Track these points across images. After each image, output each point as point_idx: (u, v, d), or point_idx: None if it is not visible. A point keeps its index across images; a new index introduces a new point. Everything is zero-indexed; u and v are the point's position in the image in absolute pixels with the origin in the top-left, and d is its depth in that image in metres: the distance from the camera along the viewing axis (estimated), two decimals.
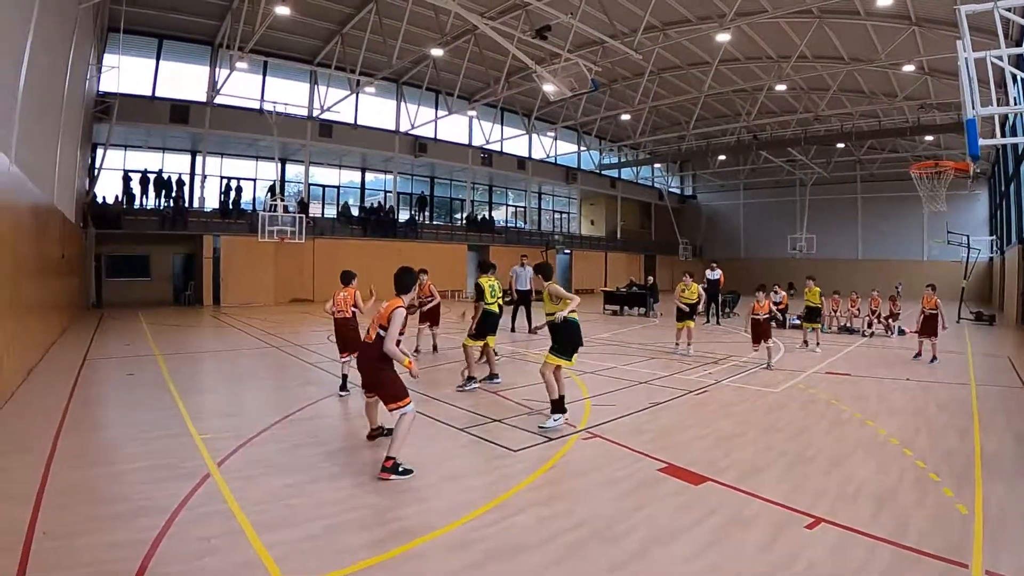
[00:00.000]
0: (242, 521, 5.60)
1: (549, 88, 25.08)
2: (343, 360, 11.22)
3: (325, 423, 9.52)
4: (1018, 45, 14.87)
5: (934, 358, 16.64)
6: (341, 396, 10.89)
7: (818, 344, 19.09)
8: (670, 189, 67.46)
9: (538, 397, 10.44)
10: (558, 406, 9.06)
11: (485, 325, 12.70)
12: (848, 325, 24.03)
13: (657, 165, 63.45)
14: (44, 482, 6.44)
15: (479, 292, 12.91)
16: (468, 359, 12.40)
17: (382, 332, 7.10)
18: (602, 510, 6.09)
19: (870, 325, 23.21)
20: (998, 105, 9.24)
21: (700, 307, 17.85)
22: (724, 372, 14.07)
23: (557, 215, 60.78)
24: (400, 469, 6.73)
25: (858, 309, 24.12)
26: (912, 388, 12.96)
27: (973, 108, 7.51)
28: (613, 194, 60.05)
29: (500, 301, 13.12)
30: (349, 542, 5.25)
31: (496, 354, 13.76)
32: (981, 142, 8.58)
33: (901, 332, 23.04)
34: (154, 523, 5.44)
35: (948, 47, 27.48)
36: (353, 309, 11.41)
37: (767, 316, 15.49)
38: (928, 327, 16.89)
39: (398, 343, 7.16)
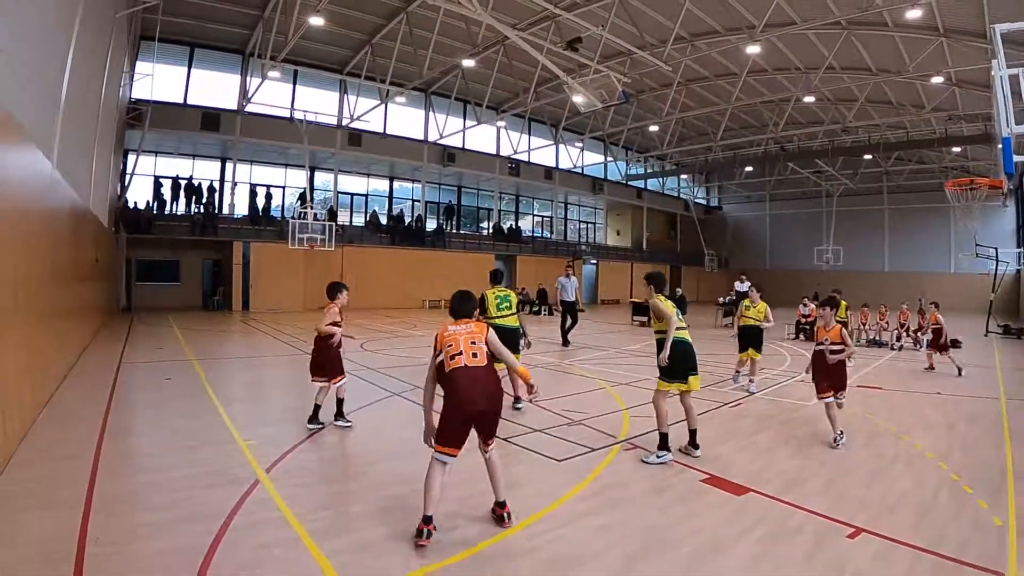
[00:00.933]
0: (297, 528, 5.66)
1: (579, 99, 25.22)
2: (333, 384, 9.44)
3: (366, 430, 9.57)
4: None
5: (959, 371, 16.80)
6: (310, 429, 9.07)
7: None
8: (696, 200, 67.47)
9: (579, 407, 10.57)
10: (664, 442, 8.21)
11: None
12: (877, 338, 23.98)
13: (683, 176, 63.59)
14: (91, 489, 6.47)
15: (481, 305, 11.14)
16: (512, 382, 10.62)
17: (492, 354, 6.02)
18: (652, 520, 6.18)
19: (899, 339, 23.19)
20: None
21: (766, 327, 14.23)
22: (756, 385, 13.94)
23: (583, 225, 60.97)
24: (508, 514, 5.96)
25: (887, 322, 24.10)
26: (943, 402, 12.98)
27: (1008, 126, 7.57)
28: (639, 204, 60.16)
29: (511, 313, 11.46)
30: (407, 550, 5.29)
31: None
32: (1017, 159, 8.65)
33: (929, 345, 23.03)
34: (207, 529, 5.49)
35: (976, 59, 27.51)
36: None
37: (839, 348, 9.85)
38: (936, 342, 18.02)
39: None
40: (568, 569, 5.10)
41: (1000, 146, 7.77)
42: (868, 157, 48.01)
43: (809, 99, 37.02)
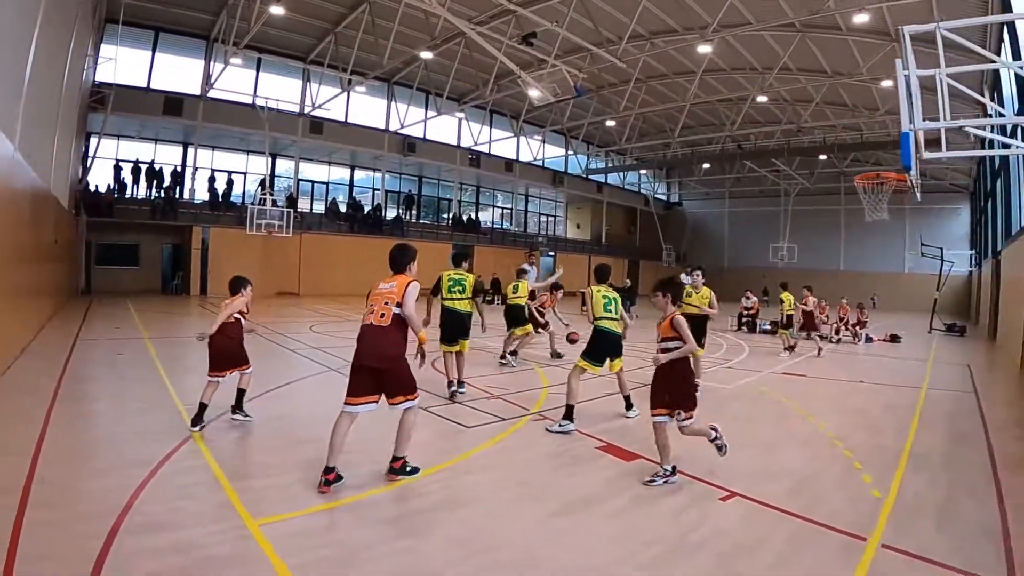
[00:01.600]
0: (217, 473, 6.34)
1: (534, 93, 25.57)
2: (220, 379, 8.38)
3: (298, 398, 10.40)
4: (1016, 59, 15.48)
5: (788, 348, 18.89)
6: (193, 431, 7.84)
7: (789, 348, 19.59)
8: (656, 195, 68.27)
9: (503, 384, 11.08)
10: (569, 413, 8.76)
11: (442, 327, 10.83)
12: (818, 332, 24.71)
13: (644, 171, 64.35)
14: (40, 443, 7.00)
15: (436, 286, 10.99)
16: (446, 368, 10.81)
17: (397, 310, 6.33)
18: (539, 477, 6.81)
19: (837, 332, 23.97)
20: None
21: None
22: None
23: (544, 218, 61.37)
24: (408, 470, 6.50)
25: (827, 316, 24.86)
26: (864, 390, 13.61)
27: (911, 123, 8.11)
28: (599, 198, 60.82)
29: (463, 297, 11.00)
30: (307, 492, 5.97)
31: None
32: (929, 155, 9.18)
33: (868, 340, 23.87)
34: (140, 473, 6.13)
35: (927, 63, 28.14)
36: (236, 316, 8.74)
37: (674, 344, 9.34)
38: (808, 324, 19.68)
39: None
40: (450, 511, 5.75)
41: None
42: (823, 157, 48.69)
43: (763, 99, 37.89)
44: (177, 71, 34.86)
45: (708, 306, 12.43)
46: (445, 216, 50.96)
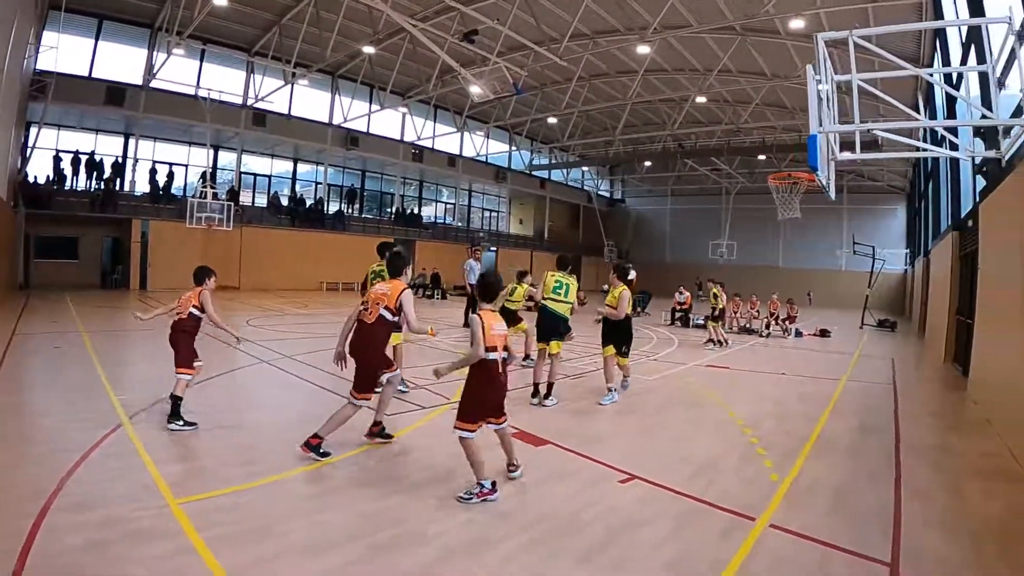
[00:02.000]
0: (145, 458, 6.57)
1: (475, 90, 25.78)
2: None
3: (232, 388, 10.65)
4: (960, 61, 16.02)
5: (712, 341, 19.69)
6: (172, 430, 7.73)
7: (719, 342, 19.98)
8: (599, 192, 68.89)
9: (429, 375, 11.23)
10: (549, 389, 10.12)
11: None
12: (748, 326, 25.46)
13: (587, 168, 65.00)
14: None
15: (363, 283, 10.42)
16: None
17: (387, 314, 7.11)
18: (443, 460, 7.09)
19: (767, 327, 24.61)
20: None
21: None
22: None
23: (488, 213, 61.68)
24: (320, 451, 6.83)
25: (758, 311, 25.53)
26: (784, 382, 14.15)
27: (820, 125, 8.52)
28: (542, 195, 60.99)
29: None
30: (229, 472, 6.32)
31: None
32: (844, 156, 9.61)
33: (798, 334, 24.53)
34: (71, 457, 6.36)
35: (865, 68, 28.88)
36: (192, 311, 8.55)
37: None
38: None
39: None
40: (361, 488, 6.16)
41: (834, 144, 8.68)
42: (763, 157, 49.41)
43: (702, 100, 38.57)
44: (120, 60, 34.18)
45: (609, 306, 10.86)
46: (389, 210, 50.77)
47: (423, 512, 5.61)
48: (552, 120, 48.31)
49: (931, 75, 10.32)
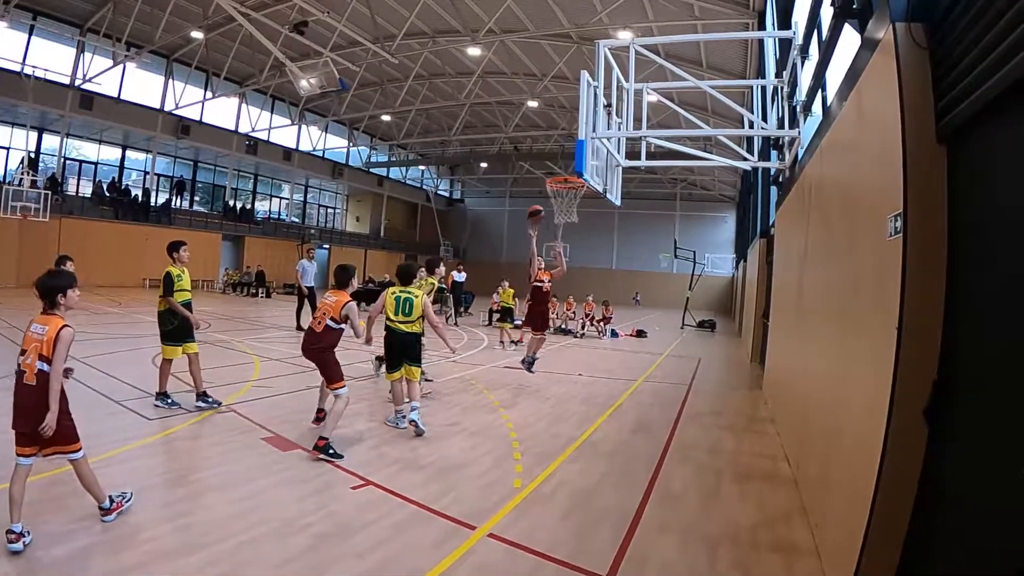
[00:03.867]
0: None
1: (303, 84, 25.28)
2: None
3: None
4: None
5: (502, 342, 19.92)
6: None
7: (514, 342, 20.01)
8: (439, 192, 69.11)
9: (210, 378, 10.70)
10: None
11: (174, 327, 9.27)
12: (564, 326, 25.88)
13: (428, 167, 64.91)
14: None
15: (166, 283, 9.19)
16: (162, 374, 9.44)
17: (332, 324, 7.95)
18: (189, 463, 7.01)
19: (583, 327, 25.11)
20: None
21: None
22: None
23: (324, 210, 60.64)
24: (331, 452, 7.41)
25: (573, 312, 26.00)
26: (577, 382, 14.15)
27: (593, 131, 8.62)
28: (380, 192, 60.56)
29: (187, 294, 9.45)
30: None
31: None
32: (628, 163, 9.80)
33: (614, 335, 25.08)
34: None
35: (694, 101, 30.24)
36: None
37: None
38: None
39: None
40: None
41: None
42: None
43: (533, 104, 39.13)
44: None
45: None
46: (228, 204, 49.08)
47: (142, 516, 5.44)
48: (386, 117, 48.25)
49: (713, 87, 10.43)
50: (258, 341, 17.21)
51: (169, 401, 9.19)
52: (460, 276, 28.24)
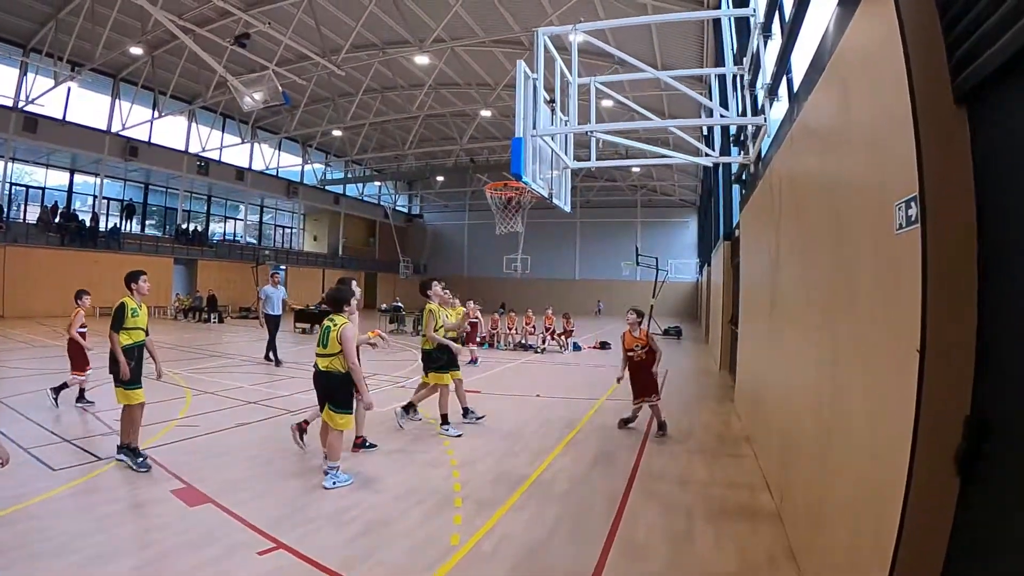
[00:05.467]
0: None
1: (247, 100, 24.27)
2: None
3: None
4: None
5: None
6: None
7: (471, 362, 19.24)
8: (397, 208, 68.38)
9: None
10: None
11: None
12: (524, 341, 24.97)
13: (385, 183, 63.99)
14: None
15: (117, 315, 8.15)
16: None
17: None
18: (79, 527, 5.94)
19: (543, 341, 24.21)
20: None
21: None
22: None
23: (282, 230, 59.54)
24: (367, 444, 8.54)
25: (533, 327, 25.09)
26: (534, 404, 13.11)
27: (534, 128, 7.70)
28: (337, 210, 59.82)
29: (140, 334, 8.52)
30: None
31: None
32: (575, 164, 8.95)
33: (576, 348, 24.39)
34: None
35: (647, 86, 29.54)
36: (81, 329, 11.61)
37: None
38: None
39: None
40: None
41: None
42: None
43: (486, 113, 38.50)
44: None
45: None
46: (184, 227, 47.62)
47: None
48: (338, 132, 47.46)
49: (673, 76, 9.60)
50: (196, 372, 16.03)
51: (139, 460, 7.71)
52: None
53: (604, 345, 25.51)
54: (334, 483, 7.26)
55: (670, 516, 6.67)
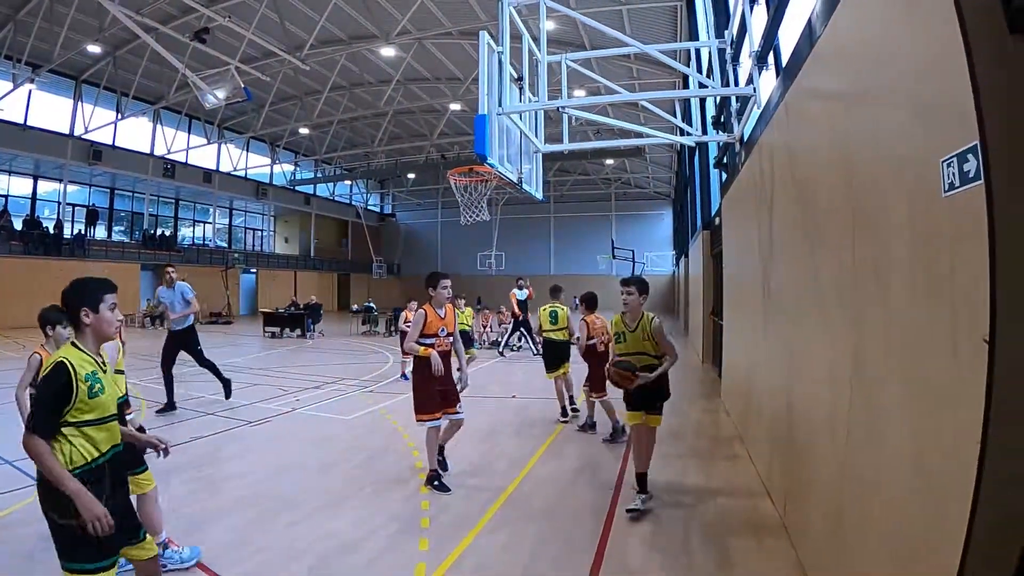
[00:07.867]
0: None
1: (209, 98, 23.48)
2: None
3: None
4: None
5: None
6: None
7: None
8: (369, 207, 67.65)
9: None
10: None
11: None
12: (498, 340, 24.21)
13: (356, 182, 63.39)
14: None
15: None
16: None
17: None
18: None
19: (520, 339, 23.50)
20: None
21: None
22: (315, 398, 12.91)
23: (254, 233, 58.43)
24: (436, 484, 7.16)
25: (509, 324, 24.39)
26: (510, 407, 12.51)
27: (500, 106, 7.08)
28: (308, 211, 58.70)
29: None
30: None
31: None
32: (548, 148, 8.33)
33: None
34: None
35: (620, 76, 29.10)
36: None
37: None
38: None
39: None
40: None
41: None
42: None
43: (456, 107, 38.27)
44: None
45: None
46: (152, 233, 46.57)
47: None
48: (305, 131, 46.57)
49: (654, 50, 9.01)
50: (155, 383, 15.13)
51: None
52: (522, 293, 22.89)
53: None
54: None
55: (664, 533, 5.96)
